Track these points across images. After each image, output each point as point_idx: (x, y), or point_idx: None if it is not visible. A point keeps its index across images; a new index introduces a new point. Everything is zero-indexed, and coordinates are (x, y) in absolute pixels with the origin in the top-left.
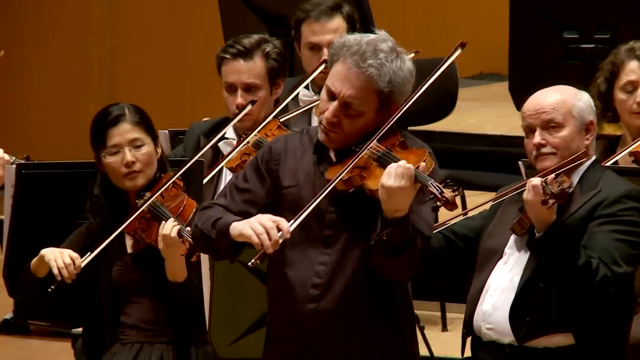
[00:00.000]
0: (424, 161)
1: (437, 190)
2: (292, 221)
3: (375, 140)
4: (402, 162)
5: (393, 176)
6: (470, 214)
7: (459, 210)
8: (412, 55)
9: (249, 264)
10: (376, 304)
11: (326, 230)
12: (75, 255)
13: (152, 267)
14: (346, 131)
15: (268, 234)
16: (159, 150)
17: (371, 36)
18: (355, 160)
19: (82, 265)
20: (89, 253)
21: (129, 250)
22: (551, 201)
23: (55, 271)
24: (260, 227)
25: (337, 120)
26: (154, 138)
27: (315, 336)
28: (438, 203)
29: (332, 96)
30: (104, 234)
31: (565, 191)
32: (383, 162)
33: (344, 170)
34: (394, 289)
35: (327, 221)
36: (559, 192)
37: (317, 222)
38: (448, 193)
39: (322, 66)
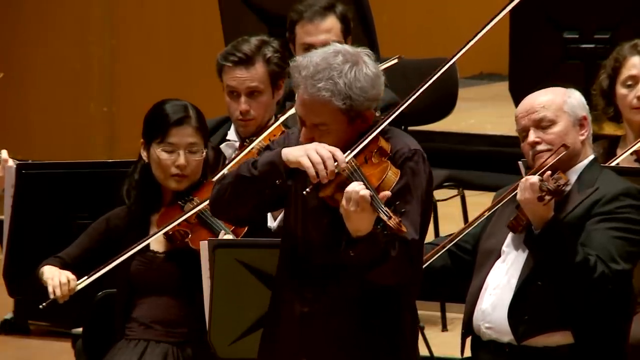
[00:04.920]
0: (385, 177)
1: (386, 216)
2: (349, 151)
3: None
4: (359, 187)
5: (350, 201)
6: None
7: (462, 225)
8: (395, 61)
9: (304, 192)
10: (370, 308)
11: (324, 233)
12: (72, 277)
13: (179, 267)
14: None
15: (324, 163)
16: (205, 158)
17: (325, 52)
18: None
19: (78, 287)
20: (86, 277)
21: (153, 246)
22: (547, 197)
23: (50, 289)
24: (317, 156)
25: (312, 141)
26: (206, 145)
27: (309, 340)
28: (386, 229)
29: (300, 119)
30: (128, 225)
31: (561, 187)
32: (351, 181)
33: (319, 191)
34: (394, 293)
35: (324, 225)
36: (555, 189)
37: (316, 225)
38: (393, 220)
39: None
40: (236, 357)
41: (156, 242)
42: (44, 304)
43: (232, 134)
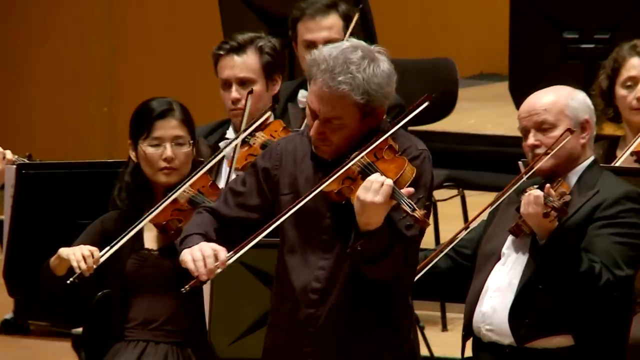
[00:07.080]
0: (403, 173)
1: (410, 208)
2: (232, 252)
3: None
4: (382, 178)
5: (370, 191)
6: (471, 223)
7: (462, 225)
8: None
9: (182, 290)
10: (376, 306)
11: (324, 235)
12: (93, 248)
13: (175, 263)
14: (335, 142)
15: (205, 261)
16: (194, 153)
17: (342, 46)
18: (340, 173)
19: (102, 259)
20: (108, 247)
21: (147, 245)
22: (553, 214)
23: (74, 264)
24: (198, 254)
25: (323, 135)
26: (193, 140)
27: (315, 341)
28: (410, 222)
29: (313, 113)
30: (123, 227)
31: (566, 204)
32: (365, 175)
33: (323, 184)
34: (395, 288)
35: (325, 226)
36: (560, 206)
37: (316, 227)
38: (418, 212)
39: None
40: (236, 357)
41: (150, 240)
42: (71, 279)
43: (230, 133)
